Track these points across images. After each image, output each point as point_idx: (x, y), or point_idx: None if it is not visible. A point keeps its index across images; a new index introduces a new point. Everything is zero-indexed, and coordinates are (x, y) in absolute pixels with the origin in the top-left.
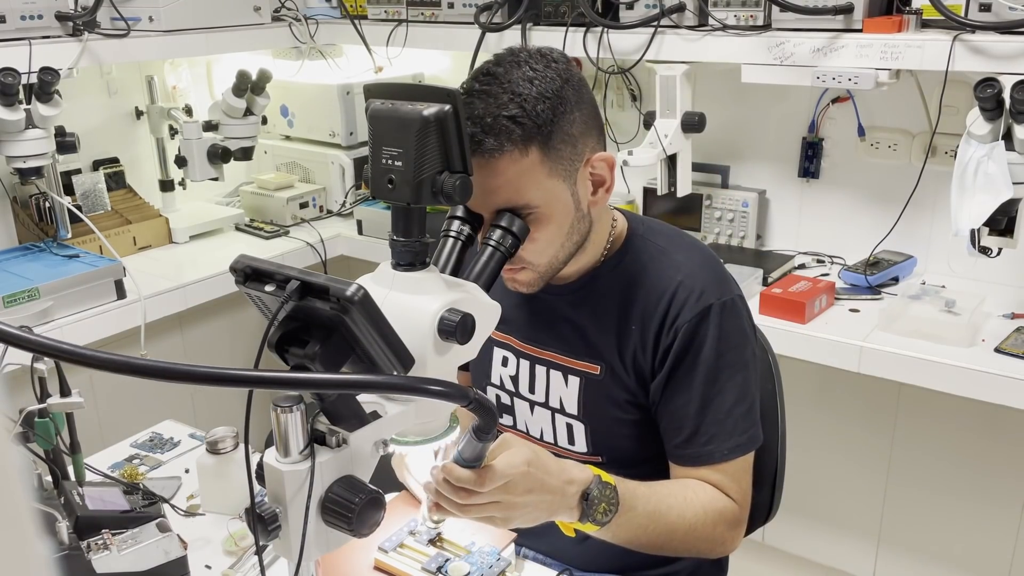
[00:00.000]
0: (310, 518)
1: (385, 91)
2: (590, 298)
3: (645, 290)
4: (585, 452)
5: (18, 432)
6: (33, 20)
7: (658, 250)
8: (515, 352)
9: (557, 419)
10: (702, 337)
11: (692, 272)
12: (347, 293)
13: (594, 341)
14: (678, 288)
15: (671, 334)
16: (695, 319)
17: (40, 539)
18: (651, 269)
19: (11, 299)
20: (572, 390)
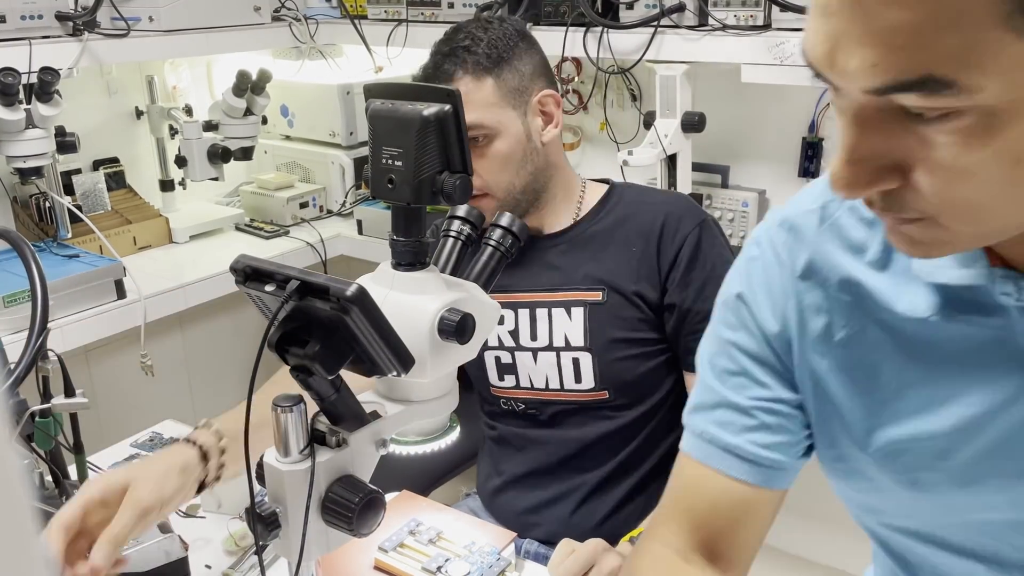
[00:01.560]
0: (310, 518)
1: (385, 91)
2: (580, 238)
3: (638, 216)
4: (592, 388)
5: (20, 432)
6: (33, 20)
7: (640, 189)
8: (510, 305)
9: (563, 357)
10: (707, 245)
11: (678, 199)
12: (347, 293)
13: (592, 271)
14: (671, 208)
15: (675, 244)
16: (697, 229)
17: (41, 539)
18: (638, 202)
19: (11, 299)
20: (577, 322)
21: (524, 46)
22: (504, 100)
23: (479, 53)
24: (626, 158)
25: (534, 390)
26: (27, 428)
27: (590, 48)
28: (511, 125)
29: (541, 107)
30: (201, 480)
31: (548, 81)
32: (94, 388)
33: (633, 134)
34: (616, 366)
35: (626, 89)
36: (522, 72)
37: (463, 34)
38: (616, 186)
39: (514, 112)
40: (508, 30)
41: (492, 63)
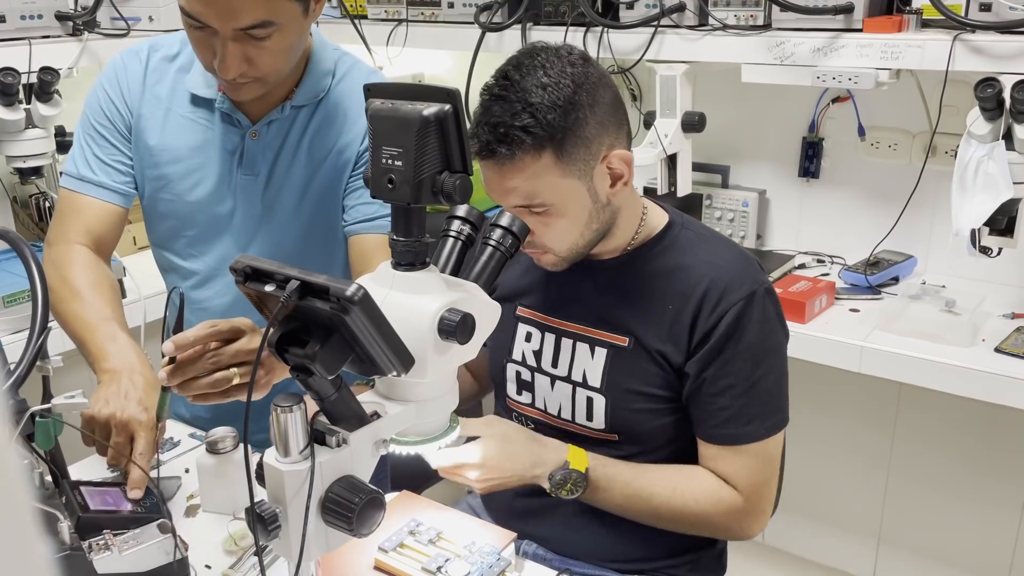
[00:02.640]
0: (310, 518)
1: (385, 91)
2: (624, 276)
3: (684, 272)
4: (602, 429)
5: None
6: (33, 20)
7: (697, 237)
8: (540, 326)
9: (578, 393)
10: (747, 320)
11: (732, 260)
12: (347, 293)
13: (624, 315)
14: (720, 272)
15: (714, 316)
16: (742, 303)
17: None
18: (689, 254)
19: (11, 299)
20: (598, 362)
21: (588, 100)
22: (568, 173)
23: (537, 133)
24: None
25: (547, 415)
26: (27, 428)
27: (590, 48)
28: (576, 196)
29: (610, 168)
30: None
31: (616, 131)
32: (94, 388)
33: (633, 134)
34: (628, 415)
35: (626, 89)
36: (586, 138)
37: (519, 102)
38: (674, 224)
39: (579, 182)
40: (569, 86)
41: (554, 141)
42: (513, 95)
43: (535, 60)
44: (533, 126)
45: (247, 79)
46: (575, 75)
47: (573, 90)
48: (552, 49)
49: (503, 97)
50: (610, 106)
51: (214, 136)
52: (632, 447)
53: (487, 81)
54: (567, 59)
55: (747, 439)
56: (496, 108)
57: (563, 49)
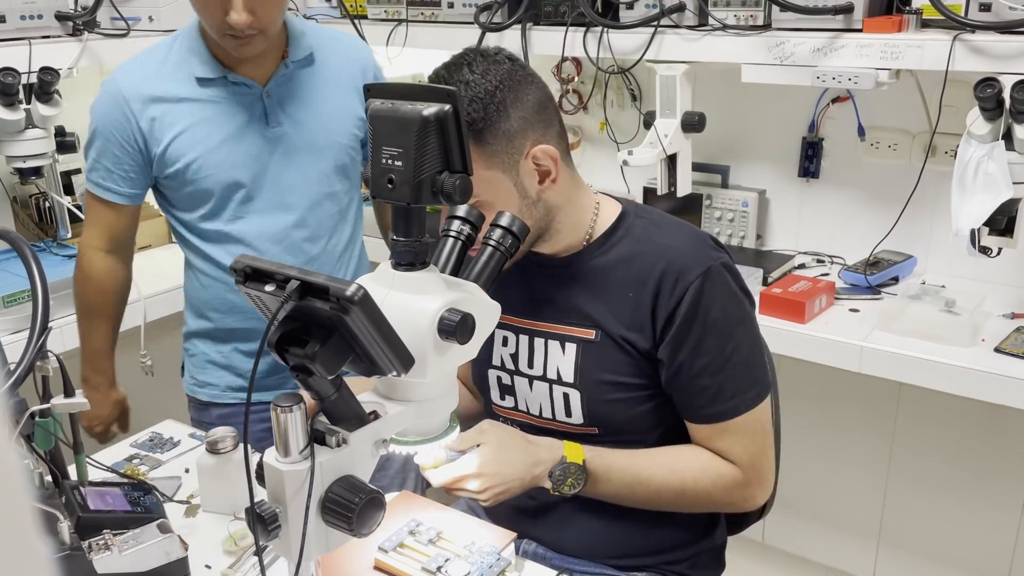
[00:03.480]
0: (310, 518)
1: (385, 91)
2: (582, 271)
3: (640, 259)
4: (581, 423)
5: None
6: (33, 20)
7: (649, 223)
8: (514, 329)
9: (555, 391)
10: (708, 297)
11: (686, 239)
12: (347, 293)
13: (588, 309)
14: (674, 254)
15: (674, 297)
16: (699, 280)
17: (41, 539)
18: (644, 239)
19: (11, 299)
20: (569, 357)
21: (510, 97)
22: (490, 166)
23: None
24: (626, 158)
25: (530, 415)
26: (27, 428)
27: (590, 48)
28: (501, 189)
29: (536, 163)
30: None
31: (543, 127)
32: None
33: (633, 134)
34: (605, 407)
35: (626, 89)
36: (509, 132)
37: None
38: (627, 214)
39: (504, 175)
40: (491, 83)
41: (474, 130)
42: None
43: (463, 59)
44: None
45: (253, 31)
46: (498, 72)
47: (495, 86)
48: (480, 51)
49: None
50: (535, 105)
51: (233, 106)
52: (613, 438)
53: None
54: (492, 59)
55: (732, 414)
56: None
57: (491, 50)
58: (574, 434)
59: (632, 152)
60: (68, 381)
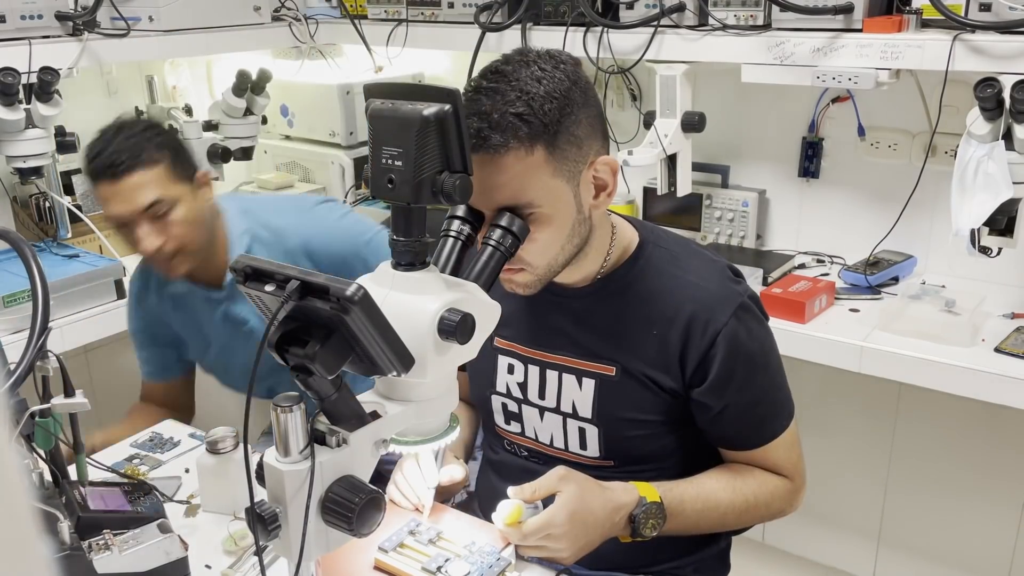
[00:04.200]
0: (310, 518)
1: (385, 91)
2: (601, 302)
3: (663, 296)
4: (597, 456)
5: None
6: (33, 20)
7: (671, 256)
8: (521, 359)
9: (569, 424)
10: (745, 335)
11: (710, 276)
12: (347, 293)
13: (608, 343)
14: (702, 294)
15: (707, 338)
16: (732, 321)
17: (41, 539)
18: (667, 275)
19: (11, 299)
20: (587, 393)
21: (580, 99)
22: (558, 173)
23: (533, 121)
24: (626, 158)
25: (539, 443)
26: (27, 428)
27: (590, 48)
28: (563, 201)
29: (596, 175)
30: None
31: (603, 139)
32: (94, 388)
33: (633, 134)
34: (623, 443)
35: (626, 89)
36: (578, 137)
37: (513, 91)
38: (645, 244)
39: (567, 186)
40: (563, 82)
41: (544, 128)
42: (506, 85)
43: (527, 57)
44: (528, 114)
45: (169, 252)
46: (568, 73)
47: (568, 85)
48: (542, 50)
49: (494, 89)
50: (598, 111)
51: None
52: (629, 469)
53: (471, 80)
54: (558, 58)
55: (774, 436)
56: (486, 100)
57: (553, 51)
58: (588, 465)
59: (632, 152)
60: (68, 381)
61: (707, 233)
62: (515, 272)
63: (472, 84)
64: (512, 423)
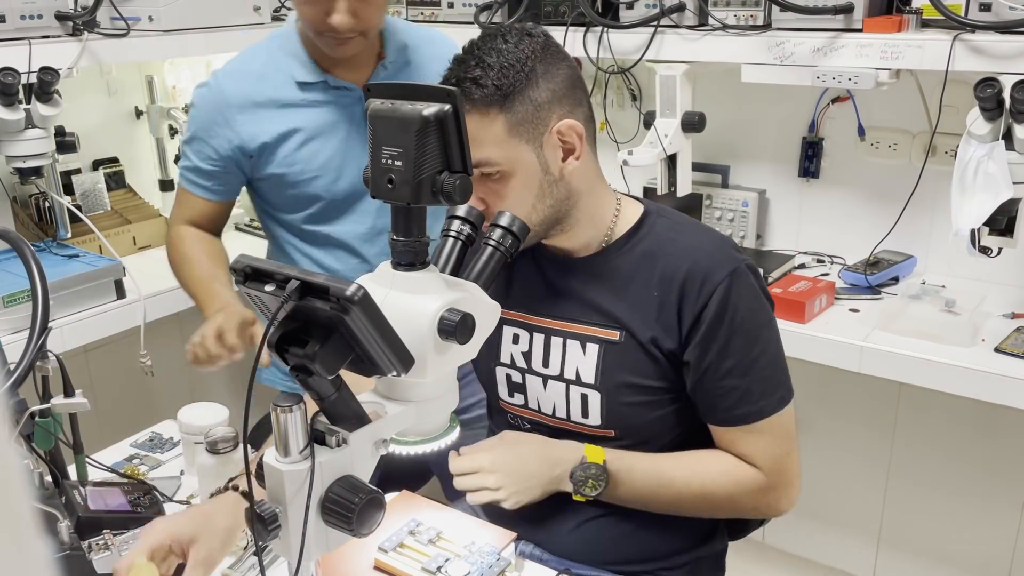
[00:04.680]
0: (310, 518)
1: (385, 91)
2: (605, 269)
3: (664, 258)
4: (599, 425)
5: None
6: (33, 20)
7: (673, 223)
8: (527, 327)
9: (572, 391)
10: (736, 297)
11: (711, 240)
12: (347, 293)
13: (611, 308)
14: (700, 255)
15: (701, 298)
16: (727, 280)
17: (41, 539)
18: (668, 239)
19: (11, 299)
20: (590, 358)
21: (541, 69)
22: (515, 134)
23: (487, 85)
24: (626, 158)
25: (541, 414)
26: (27, 428)
27: (590, 48)
28: (524, 160)
29: (561, 138)
30: None
31: (571, 105)
32: (94, 388)
33: (633, 134)
34: (625, 409)
35: (626, 89)
36: (536, 101)
37: (473, 59)
38: (649, 214)
39: (527, 146)
40: (524, 52)
41: (502, 95)
42: (470, 56)
43: (499, 30)
44: (482, 78)
45: (354, 33)
46: (533, 43)
47: (528, 55)
48: (516, 25)
49: (460, 59)
50: (567, 81)
51: (335, 110)
52: (630, 440)
53: None
54: (527, 32)
55: (758, 416)
56: (452, 67)
57: (527, 26)
58: (589, 435)
59: (632, 152)
60: (68, 381)
61: None
62: None
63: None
64: (516, 395)
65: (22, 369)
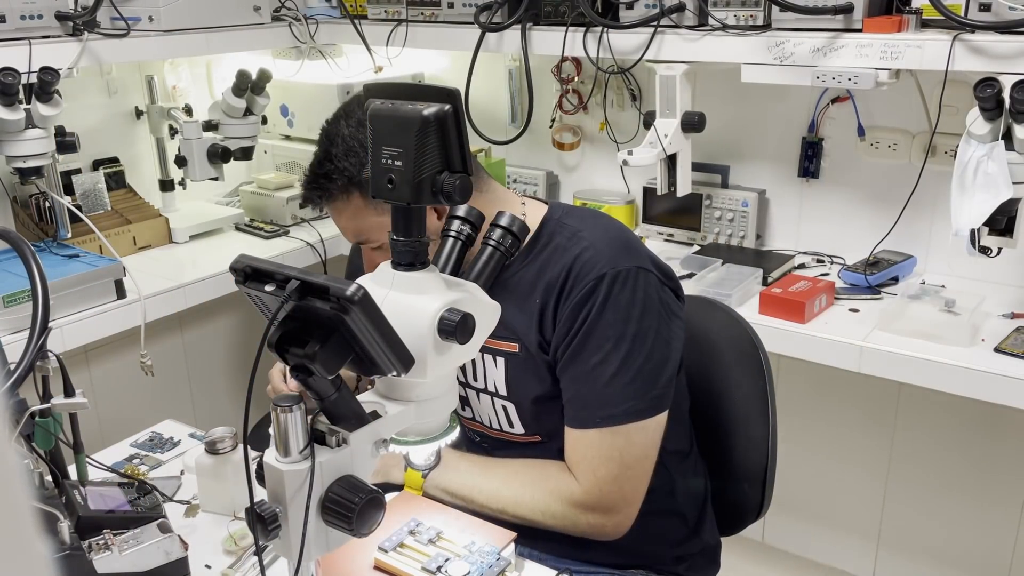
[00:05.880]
0: (310, 518)
1: (385, 91)
2: (508, 284)
3: (552, 267)
4: (523, 433)
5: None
6: (33, 20)
7: (570, 231)
8: None
9: (496, 403)
10: (591, 306)
11: (594, 245)
12: (347, 293)
13: (510, 321)
14: (576, 261)
15: (570, 299)
16: (588, 288)
17: (41, 539)
18: (559, 247)
19: (11, 299)
20: (500, 371)
21: None
22: (382, 211)
23: (336, 178)
24: (626, 158)
25: (483, 426)
26: (27, 428)
27: (590, 48)
28: None
29: None
30: None
31: None
32: (94, 388)
33: (633, 134)
34: (540, 416)
35: (626, 89)
36: None
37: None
38: (548, 222)
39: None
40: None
41: (348, 180)
42: (320, 145)
43: (346, 108)
44: (334, 172)
45: None
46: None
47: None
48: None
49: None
50: None
51: None
52: (558, 442)
53: None
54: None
55: (582, 424)
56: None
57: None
58: (523, 443)
59: (632, 152)
60: (68, 381)
61: (707, 233)
62: None
63: None
64: (466, 408)
65: (22, 369)
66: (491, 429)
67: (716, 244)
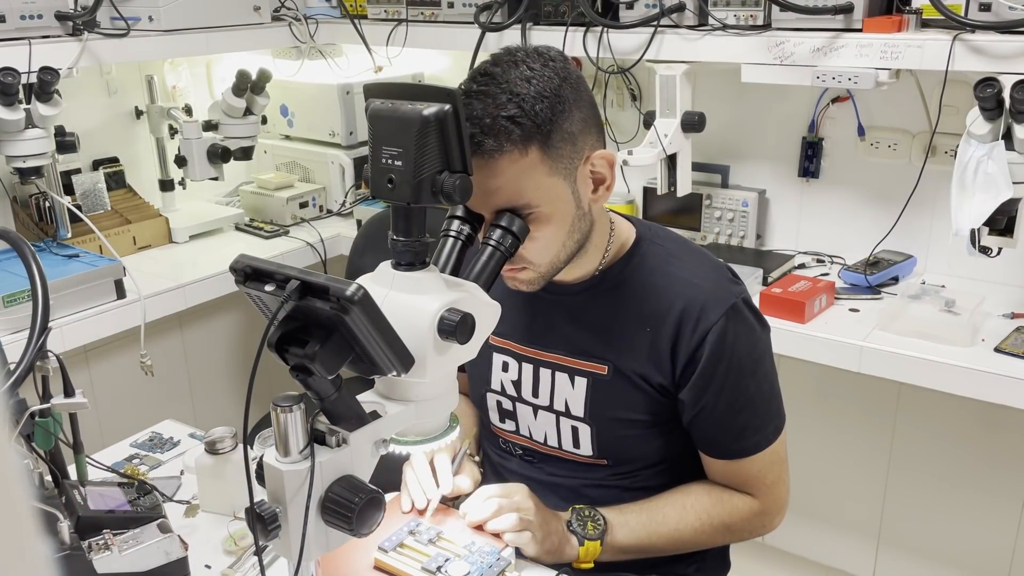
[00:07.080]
0: (310, 518)
1: (385, 91)
2: (596, 300)
3: (657, 293)
4: (591, 455)
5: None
6: (33, 20)
7: (667, 253)
8: (516, 356)
9: (562, 422)
10: (733, 336)
11: (706, 275)
12: (347, 293)
13: (600, 342)
14: (694, 291)
15: (696, 337)
16: (722, 320)
17: (41, 539)
18: (661, 272)
19: (11, 299)
20: (579, 392)
21: (571, 96)
22: (554, 171)
23: (524, 123)
24: (626, 158)
25: (533, 441)
26: (27, 428)
27: (590, 48)
28: (561, 195)
29: (592, 170)
30: None
31: (598, 134)
32: (94, 388)
33: (633, 134)
34: (616, 441)
35: (626, 89)
36: (572, 134)
37: (503, 93)
38: (641, 241)
39: (564, 183)
40: (552, 78)
41: (537, 129)
42: (496, 88)
43: (515, 56)
44: (520, 116)
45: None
46: (557, 69)
47: (558, 83)
48: (530, 48)
49: (484, 92)
50: (592, 106)
51: None
52: (623, 468)
53: (462, 84)
54: (547, 56)
55: (755, 449)
56: (477, 104)
57: (541, 48)
58: (581, 463)
59: (632, 152)
60: (68, 381)
61: (707, 233)
62: (518, 270)
63: (462, 88)
64: (507, 421)
65: (22, 369)
66: (543, 446)
67: (716, 244)
